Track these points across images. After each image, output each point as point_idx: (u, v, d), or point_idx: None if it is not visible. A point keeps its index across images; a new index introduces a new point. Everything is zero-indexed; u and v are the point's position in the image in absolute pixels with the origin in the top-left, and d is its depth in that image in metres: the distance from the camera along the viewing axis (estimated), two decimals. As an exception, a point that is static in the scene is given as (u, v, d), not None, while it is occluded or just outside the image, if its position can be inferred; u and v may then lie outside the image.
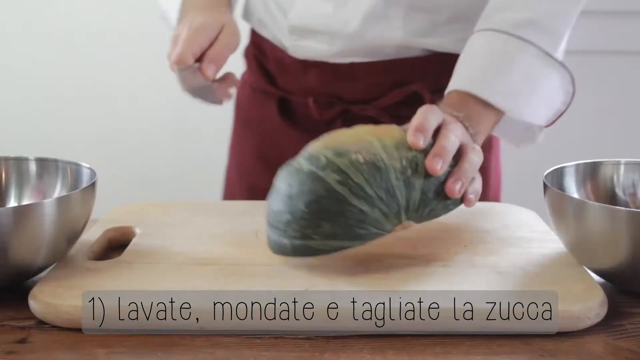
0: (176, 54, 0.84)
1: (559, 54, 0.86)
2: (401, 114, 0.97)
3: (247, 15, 1.06)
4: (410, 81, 0.96)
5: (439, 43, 0.94)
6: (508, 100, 0.82)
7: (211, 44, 0.86)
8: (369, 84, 0.96)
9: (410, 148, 0.68)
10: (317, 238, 0.66)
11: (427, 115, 0.70)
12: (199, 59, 0.86)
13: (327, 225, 0.65)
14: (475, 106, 0.81)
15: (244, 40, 1.09)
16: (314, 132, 0.99)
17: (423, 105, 0.96)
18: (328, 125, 0.99)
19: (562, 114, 0.87)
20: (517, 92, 0.83)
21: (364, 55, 0.95)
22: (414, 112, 0.97)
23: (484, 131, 0.82)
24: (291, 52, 0.97)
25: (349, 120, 0.98)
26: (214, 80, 0.88)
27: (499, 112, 0.83)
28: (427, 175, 0.68)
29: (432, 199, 0.68)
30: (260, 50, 1.05)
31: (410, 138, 0.68)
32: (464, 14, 0.93)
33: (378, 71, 0.96)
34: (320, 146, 0.69)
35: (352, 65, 0.96)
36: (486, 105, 0.82)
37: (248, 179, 1.07)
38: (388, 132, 0.70)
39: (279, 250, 0.69)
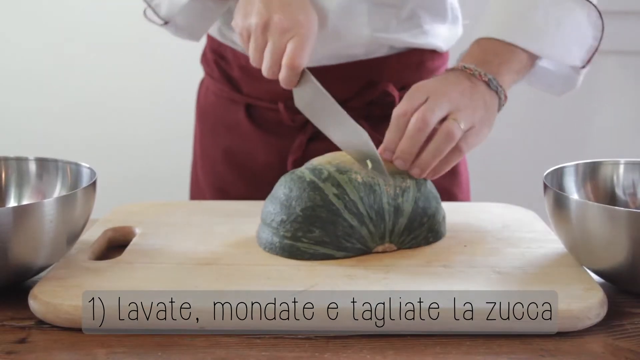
0: (294, 60, 0.78)
1: None
2: (373, 114, 0.98)
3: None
4: (378, 81, 0.97)
5: (403, 37, 0.95)
6: (534, 41, 0.82)
7: None
8: (339, 86, 0.94)
9: (404, 179, 0.74)
10: (306, 241, 0.70)
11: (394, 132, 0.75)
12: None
13: (317, 232, 0.70)
14: (499, 49, 0.82)
15: (202, 45, 1.07)
16: (285, 136, 0.99)
17: (394, 103, 0.95)
18: (299, 130, 0.98)
19: (596, 50, 0.87)
20: (542, 31, 0.83)
21: (333, 58, 0.94)
22: (384, 112, 0.95)
23: (507, 72, 0.81)
24: None
25: None
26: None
27: (529, 54, 0.83)
28: (416, 206, 0.73)
29: (416, 228, 0.74)
30: (223, 58, 1.02)
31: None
32: (424, 7, 0.95)
33: (348, 73, 0.95)
34: (324, 161, 0.75)
35: (322, 68, 0.94)
36: (513, 48, 0.82)
37: (218, 183, 1.05)
38: (387, 161, 0.75)
39: (268, 247, 0.73)
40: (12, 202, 0.77)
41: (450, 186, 1.02)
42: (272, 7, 0.81)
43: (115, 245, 0.79)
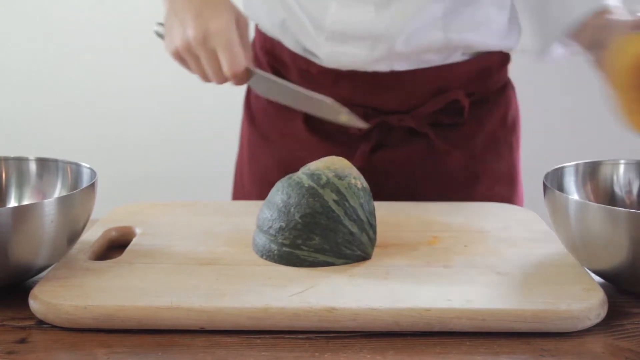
0: (232, 68, 0.81)
1: None
2: (441, 122, 0.95)
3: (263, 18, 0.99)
4: (449, 89, 0.93)
5: (476, 38, 0.92)
6: None
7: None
8: (408, 92, 0.92)
9: None
10: (305, 249, 0.69)
11: None
12: None
13: (317, 239, 0.69)
14: None
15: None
16: (347, 145, 0.95)
17: (463, 111, 0.93)
18: (362, 139, 0.95)
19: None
20: None
21: (404, 62, 0.91)
22: (453, 120, 0.94)
23: None
24: (326, 61, 0.92)
25: (385, 131, 0.95)
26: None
27: None
28: None
29: None
30: (279, 61, 0.98)
31: None
32: (497, 5, 0.92)
33: (418, 79, 0.92)
34: (322, 166, 0.73)
35: (391, 73, 0.91)
36: None
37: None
38: None
39: (265, 254, 0.71)
40: (12, 202, 0.77)
41: (511, 196, 1.00)
42: (186, 22, 0.83)
43: (115, 245, 0.79)
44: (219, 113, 2.15)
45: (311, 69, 0.94)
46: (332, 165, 0.73)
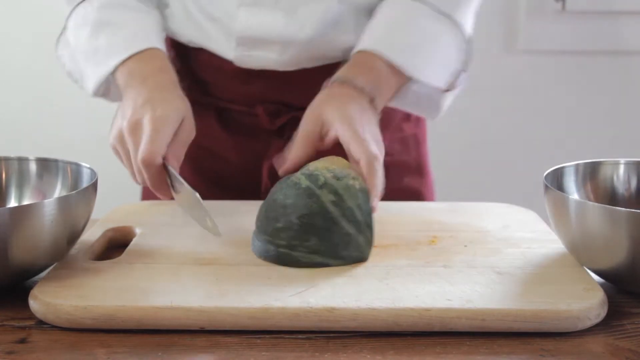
0: (143, 153, 0.77)
1: (465, 17, 0.90)
2: None
3: (173, 35, 0.98)
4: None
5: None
6: (408, 58, 0.86)
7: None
8: (315, 89, 0.91)
9: None
10: (302, 250, 0.69)
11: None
12: None
13: (314, 240, 0.69)
14: (380, 68, 0.85)
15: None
16: (261, 140, 0.97)
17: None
18: (276, 134, 0.96)
19: (459, 74, 0.90)
20: (416, 51, 0.86)
21: (313, 62, 0.93)
22: None
23: (386, 95, 0.86)
24: (237, 62, 0.93)
25: (297, 127, 0.93)
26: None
27: (401, 76, 0.86)
28: None
29: None
30: (190, 58, 0.98)
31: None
32: None
33: (325, 76, 0.91)
34: (320, 166, 0.73)
35: (300, 71, 0.93)
36: (389, 67, 0.85)
37: None
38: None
39: (263, 255, 0.71)
40: (12, 202, 0.77)
41: (420, 186, 1.04)
42: (127, 111, 0.83)
43: (115, 245, 0.79)
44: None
45: (224, 66, 0.95)
46: (331, 166, 0.73)
